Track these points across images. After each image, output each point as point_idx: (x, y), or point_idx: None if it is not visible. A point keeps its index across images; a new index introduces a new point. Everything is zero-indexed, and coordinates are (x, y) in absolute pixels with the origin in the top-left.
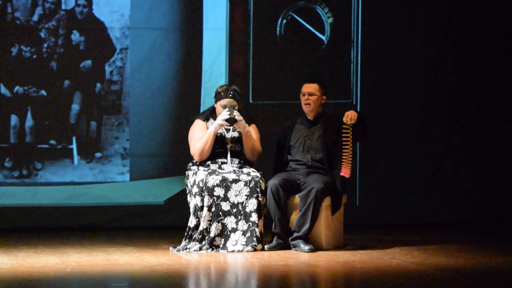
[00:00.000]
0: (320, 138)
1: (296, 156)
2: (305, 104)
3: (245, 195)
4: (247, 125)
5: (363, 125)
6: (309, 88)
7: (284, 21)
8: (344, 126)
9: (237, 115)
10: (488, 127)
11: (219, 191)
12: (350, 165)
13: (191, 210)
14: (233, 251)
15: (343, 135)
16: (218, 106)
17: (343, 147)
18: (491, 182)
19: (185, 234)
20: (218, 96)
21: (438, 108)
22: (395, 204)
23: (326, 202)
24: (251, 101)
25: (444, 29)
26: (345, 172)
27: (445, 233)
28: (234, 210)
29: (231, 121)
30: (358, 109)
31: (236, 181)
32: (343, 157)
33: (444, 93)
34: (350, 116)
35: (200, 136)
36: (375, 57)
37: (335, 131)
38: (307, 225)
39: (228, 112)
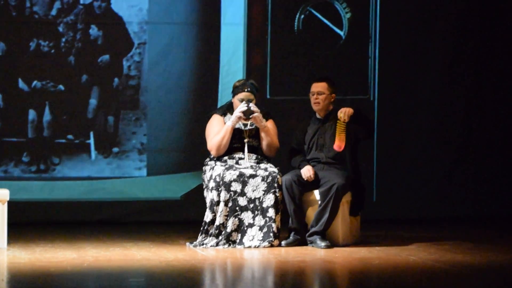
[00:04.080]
0: (332, 135)
1: (311, 155)
2: (314, 103)
3: (262, 190)
4: (264, 119)
5: (363, 124)
6: (318, 87)
7: (302, 16)
8: (338, 122)
9: (253, 107)
10: (507, 122)
11: (236, 186)
12: (343, 140)
13: (208, 204)
14: (249, 246)
15: (337, 129)
16: (235, 100)
17: (338, 127)
18: (509, 177)
19: (201, 228)
20: (235, 90)
21: (456, 103)
22: (412, 199)
23: (345, 198)
24: (268, 96)
25: (463, 24)
26: (337, 145)
27: (462, 229)
28: (251, 205)
29: (248, 113)
30: (376, 105)
31: (253, 176)
32: (337, 132)
33: (462, 88)
34: (345, 112)
35: (217, 130)
36: (393, 52)
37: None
38: (325, 221)
39: (245, 105)
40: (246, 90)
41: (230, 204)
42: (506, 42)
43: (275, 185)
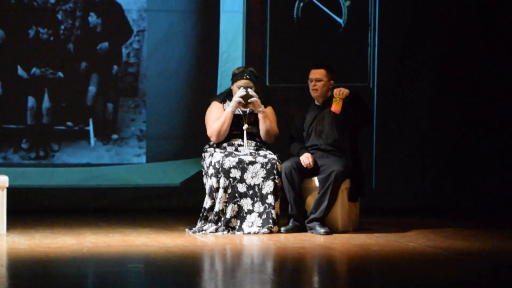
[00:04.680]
0: (331, 122)
1: (310, 141)
2: (313, 89)
3: (262, 177)
4: (262, 105)
5: (360, 108)
6: (316, 74)
7: (301, 4)
8: (334, 98)
9: (252, 92)
10: (506, 111)
11: (235, 173)
12: (340, 102)
13: (207, 191)
14: (249, 233)
15: (334, 100)
16: (234, 87)
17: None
18: (508, 167)
19: (201, 215)
20: (234, 78)
21: (455, 91)
22: (411, 187)
23: (344, 185)
24: (267, 84)
25: (462, 12)
26: (334, 108)
27: (460, 217)
28: (250, 192)
29: (247, 98)
30: (375, 92)
31: (252, 163)
32: (335, 95)
33: (462, 76)
34: (340, 89)
35: (217, 117)
36: (392, 40)
37: (344, 112)
38: (324, 207)
39: (244, 90)
40: (245, 77)
41: (229, 191)
42: (507, 31)
43: (275, 171)
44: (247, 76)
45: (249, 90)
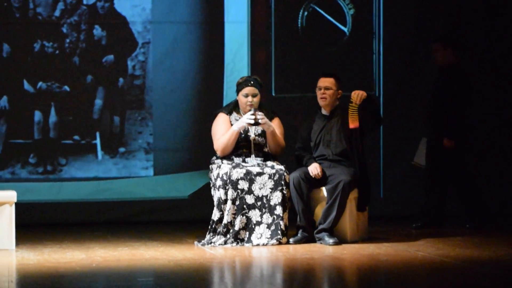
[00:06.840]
0: (339, 132)
1: (318, 152)
2: (321, 98)
3: (270, 188)
4: (271, 124)
5: (372, 111)
6: (325, 82)
7: (306, 13)
8: (350, 104)
9: (260, 118)
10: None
11: (243, 184)
12: (356, 120)
13: (215, 203)
14: (258, 244)
15: (349, 111)
16: (240, 97)
17: (350, 109)
18: None
19: (209, 227)
20: (239, 87)
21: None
22: (419, 195)
23: (352, 194)
24: (273, 94)
25: (467, 18)
26: (353, 124)
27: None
28: (259, 203)
29: (255, 124)
30: (381, 100)
31: (260, 174)
32: (349, 114)
33: (467, 83)
34: (358, 94)
35: (223, 130)
36: (397, 47)
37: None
38: (332, 218)
39: (253, 116)
40: (249, 84)
41: (237, 202)
42: (509, 36)
43: (282, 182)
44: (252, 83)
45: (258, 116)
